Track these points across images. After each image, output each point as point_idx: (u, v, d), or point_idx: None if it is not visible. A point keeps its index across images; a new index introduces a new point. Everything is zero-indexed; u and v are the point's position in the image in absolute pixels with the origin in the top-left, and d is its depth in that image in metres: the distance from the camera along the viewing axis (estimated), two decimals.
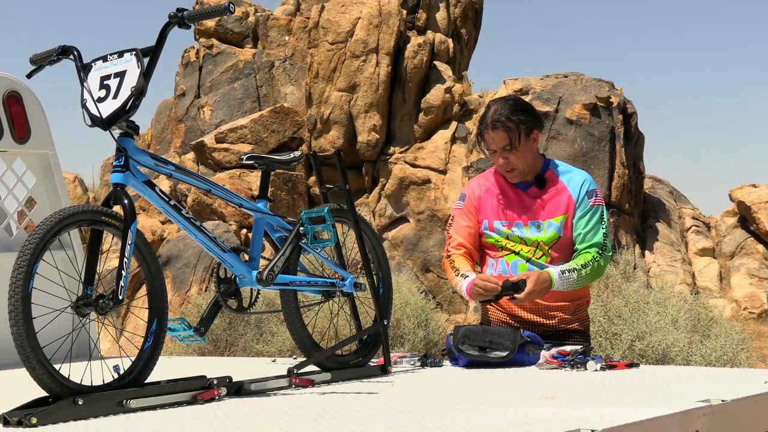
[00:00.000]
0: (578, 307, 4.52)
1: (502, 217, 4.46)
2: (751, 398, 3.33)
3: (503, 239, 4.45)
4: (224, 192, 3.73)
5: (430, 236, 15.28)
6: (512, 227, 4.44)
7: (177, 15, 3.41)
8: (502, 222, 4.46)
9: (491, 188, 4.53)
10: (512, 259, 4.43)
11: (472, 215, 4.52)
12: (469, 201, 4.55)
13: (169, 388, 3.29)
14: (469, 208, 4.53)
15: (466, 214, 4.53)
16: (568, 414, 2.93)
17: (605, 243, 4.42)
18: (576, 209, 4.42)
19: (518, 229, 4.44)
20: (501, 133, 4.39)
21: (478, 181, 4.60)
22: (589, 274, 4.37)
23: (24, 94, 5.24)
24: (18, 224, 5.34)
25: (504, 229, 4.45)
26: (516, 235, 4.44)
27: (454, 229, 4.56)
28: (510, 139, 4.38)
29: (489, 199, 4.51)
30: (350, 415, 3.01)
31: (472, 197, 4.55)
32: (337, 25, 16.04)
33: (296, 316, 3.97)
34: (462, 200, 4.58)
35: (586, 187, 4.46)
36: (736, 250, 16.54)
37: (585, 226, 4.41)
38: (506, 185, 4.51)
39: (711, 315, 9.89)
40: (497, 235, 4.46)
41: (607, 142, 14.86)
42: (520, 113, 4.42)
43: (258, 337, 10.32)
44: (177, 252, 14.69)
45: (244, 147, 16.12)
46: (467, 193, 4.58)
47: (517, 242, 4.44)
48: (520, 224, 4.44)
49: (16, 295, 2.98)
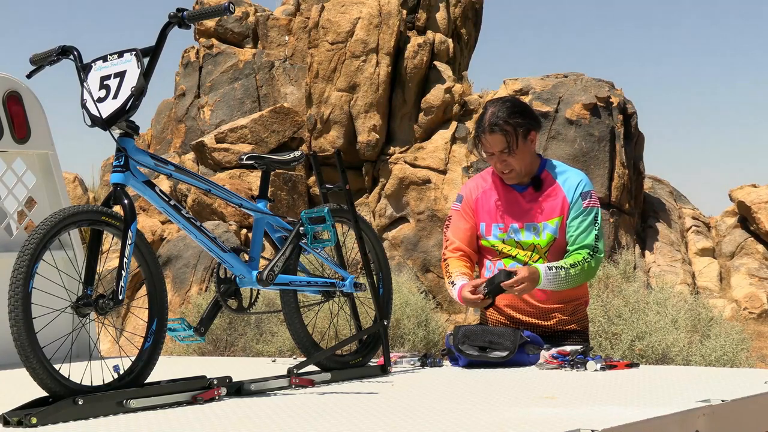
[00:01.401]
0: (576, 307, 4.52)
1: (498, 220, 4.46)
2: (751, 398, 3.33)
3: (500, 243, 4.46)
4: (224, 192, 3.73)
5: (430, 236, 15.28)
6: (508, 231, 4.44)
7: (177, 15, 3.41)
8: (499, 225, 4.46)
9: (488, 191, 4.52)
10: (509, 263, 4.43)
11: (469, 217, 4.52)
12: (467, 203, 4.54)
13: (169, 388, 3.29)
14: (467, 209, 4.53)
15: (464, 216, 4.53)
16: (568, 414, 2.93)
17: (596, 245, 4.40)
18: (570, 210, 4.41)
19: (515, 233, 4.43)
20: (499, 137, 4.37)
21: (476, 182, 4.60)
22: (578, 275, 4.35)
23: (24, 94, 5.24)
24: (18, 224, 5.34)
25: (500, 233, 4.45)
26: (512, 239, 4.43)
27: (451, 232, 4.55)
28: (508, 143, 4.36)
29: (486, 201, 4.50)
30: (350, 415, 3.01)
31: (469, 199, 4.54)
32: (337, 25, 16.04)
33: (296, 316, 3.98)
34: (459, 201, 4.57)
35: (581, 188, 4.44)
36: (736, 250, 16.54)
37: (577, 227, 4.40)
38: (503, 187, 4.50)
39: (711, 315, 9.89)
40: (494, 239, 4.46)
41: (607, 142, 14.86)
42: (518, 116, 4.40)
43: (258, 337, 10.31)
44: (177, 252, 14.69)
45: (244, 147, 16.12)
46: (464, 195, 4.57)
47: (514, 246, 4.44)
48: (516, 228, 4.43)
49: (16, 295, 2.99)
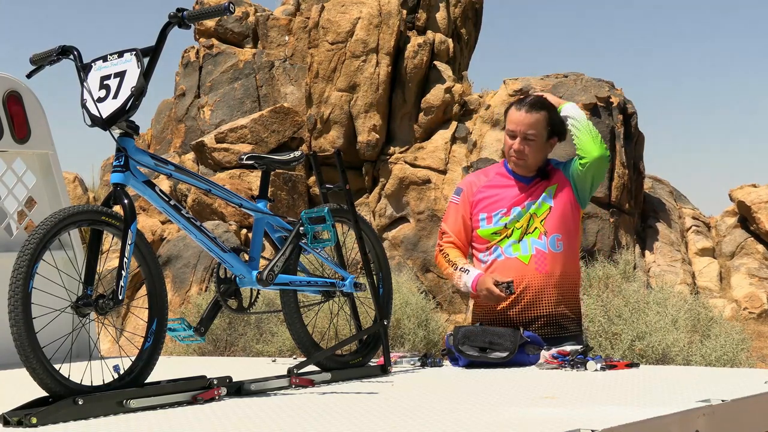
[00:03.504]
0: (568, 289, 4.52)
1: (501, 208, 4.49)
2: (751, 398, 3.33)
3: (501, 228, 4.48)
4: (224, 192, 3.73)
5: (430, 236, 15.28)
6: (510, 214, 4.47)
7: (177, 15, 3.41)
8: (501, 211, 4.48)
9: (490, 184, 4.56)
10: (505, 243, 4.46)
11: (467, 210, 4.55)
12: (465, 196, 4.57)
13: (169, 388, 3.29)
14: (465, 202, 4.56)
15: (462, 209, 4.56)
16: (568, 414, 2.93)
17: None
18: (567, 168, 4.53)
19: (516, 214, 4.48)
20: (534, 117, 4.46)
21: (476, 176, 4.63)
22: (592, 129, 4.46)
23: (24, 94, 5.24)
24: (18, 224, 5.34)
25: (503, 217, 4.48)
26: (513, 220, 4.47)
27: (449, 224, 4.59)
28: (536, 128, 4.45)
29: (488, 193, 4.53)
30: (350, 415, 3.01)
31: (469, 191, 4.58)
32: (337, 25, 16.04)
33: (296, 316, 3.98)
34: (458, 194, 4.60)
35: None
36: (736, 250, 16.53)
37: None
38: (507, 180, 4.53)
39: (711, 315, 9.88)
40: (495, 226, 4.49)
41: (607, 142, 14.83)
42: (556, 116, 4.53)
43: (258, 337, 10.31)
44: (177, 252, 14.68)
45: (244, 147, 16.12)
46: (464, 188, 4.60)
47: (513, 225, 4.47)
48: (519, 209, 4.49)
49: (16, 295, 2.99)
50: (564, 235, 4.48)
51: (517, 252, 4.45)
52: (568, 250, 4.50)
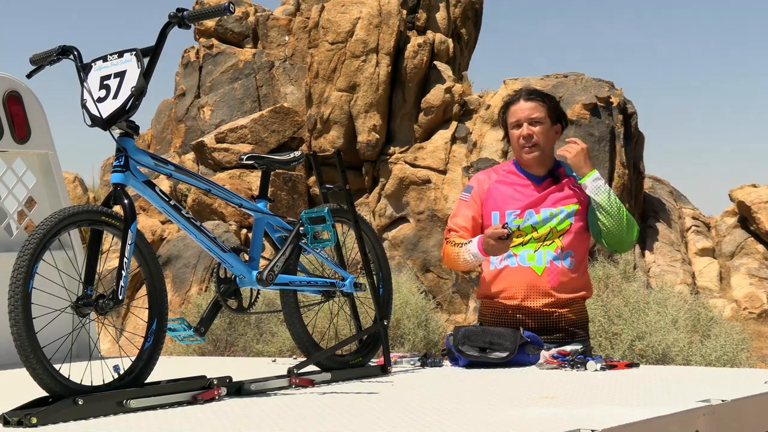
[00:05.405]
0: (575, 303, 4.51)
1: (514, 206, 4.46)
2: (751, 398, 3.33)
3: (514, 229, 4.44)
4: (224, 192, 3.73)
5: (430, 236, 15.28)
6: (524, 216, 4.44)
7: (177, 15, 3.41)
8: (515, 212, 4.45)
9: (501, 181, 4.55)
10: (519, 250, 4.43)
11: (476, 206, 4.53)
12: (476, 193, 4.55)
13: (169, 388, 3.29)
14: (476, 199, 4.54)
15: (471, 205, 4.54)
16: (568, 414, 2.93)
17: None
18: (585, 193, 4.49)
19: (531, 217, 4.45)
20: (534, 104, 4.51)
21: (488, 174, 4.61)
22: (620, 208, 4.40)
23: (24, 94, 5.24)
24: (18, 224, 5.34)
25: (516, 218, 4.44)
26: (528, 224, 4.44)
27: (457, 221, 4.55)
28: (539, 111, 4.50)
29: (498, 191, 4.51)
30: (350, 415, 3.01)
31: (480, 189, 4.55)
32: (337, 25, 16.04)
33: (296, 316, 3.97)
34: (468, 192, 4.58)
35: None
36: (736, 250, 16.54)
37: None
38: (518, 177, 4.52)
39: (711, 315, 9.88)
40: (510, 226, 4.46)
41: (607, 142, 14.86)
42: (556, 104, 4.60)
43: (258, 337, 10.31)
44: (177, 252, 14.69)
45: (244, 147, 16.12)
46: (475, 186, 4.58)
47: (529, 231, 4.45)
48: (533, 213, 4.46)
49: (16, 295, 2.99)
50: (577, 254, 4.48)
51: (531, 261, 4.43)
52: (579, 267, 4.50)
